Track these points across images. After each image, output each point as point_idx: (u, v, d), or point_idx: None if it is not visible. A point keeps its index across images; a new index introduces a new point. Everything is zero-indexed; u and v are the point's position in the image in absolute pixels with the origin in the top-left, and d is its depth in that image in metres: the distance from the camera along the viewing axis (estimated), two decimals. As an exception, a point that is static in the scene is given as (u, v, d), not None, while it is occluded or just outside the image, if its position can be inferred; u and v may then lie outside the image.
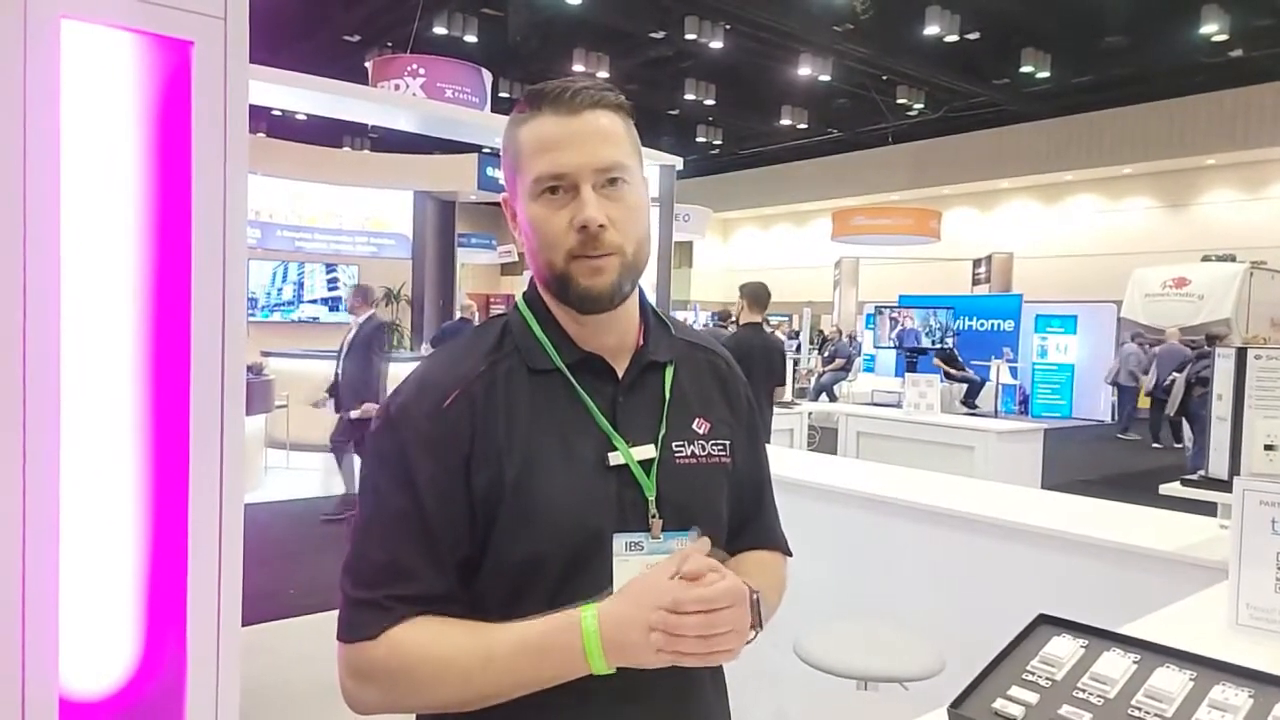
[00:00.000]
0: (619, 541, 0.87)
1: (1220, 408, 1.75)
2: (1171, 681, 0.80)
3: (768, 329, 5.24)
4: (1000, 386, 11.13)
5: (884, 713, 1.79)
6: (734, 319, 5.04)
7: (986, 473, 4.79)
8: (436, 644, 0.81)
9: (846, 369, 13.02)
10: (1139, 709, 0.78)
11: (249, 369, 6.77)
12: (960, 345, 11.33)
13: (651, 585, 0.79)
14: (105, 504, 1.44)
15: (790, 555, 1.09)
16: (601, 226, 0.85)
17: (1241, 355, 1.71)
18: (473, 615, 0.85)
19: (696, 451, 0.95)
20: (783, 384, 5.32)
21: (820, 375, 12.97)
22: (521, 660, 0.80)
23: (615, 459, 0.89)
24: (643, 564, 0.87)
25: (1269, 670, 0.80)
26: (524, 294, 0.97)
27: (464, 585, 0.86)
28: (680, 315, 16.39)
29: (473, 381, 0.88)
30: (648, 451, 0.91)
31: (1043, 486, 4.99)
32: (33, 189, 1.34)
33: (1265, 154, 16.05)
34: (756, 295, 4.80)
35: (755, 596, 0.84)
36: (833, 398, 12.01)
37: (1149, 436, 11.49)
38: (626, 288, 0.89)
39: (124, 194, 1.45)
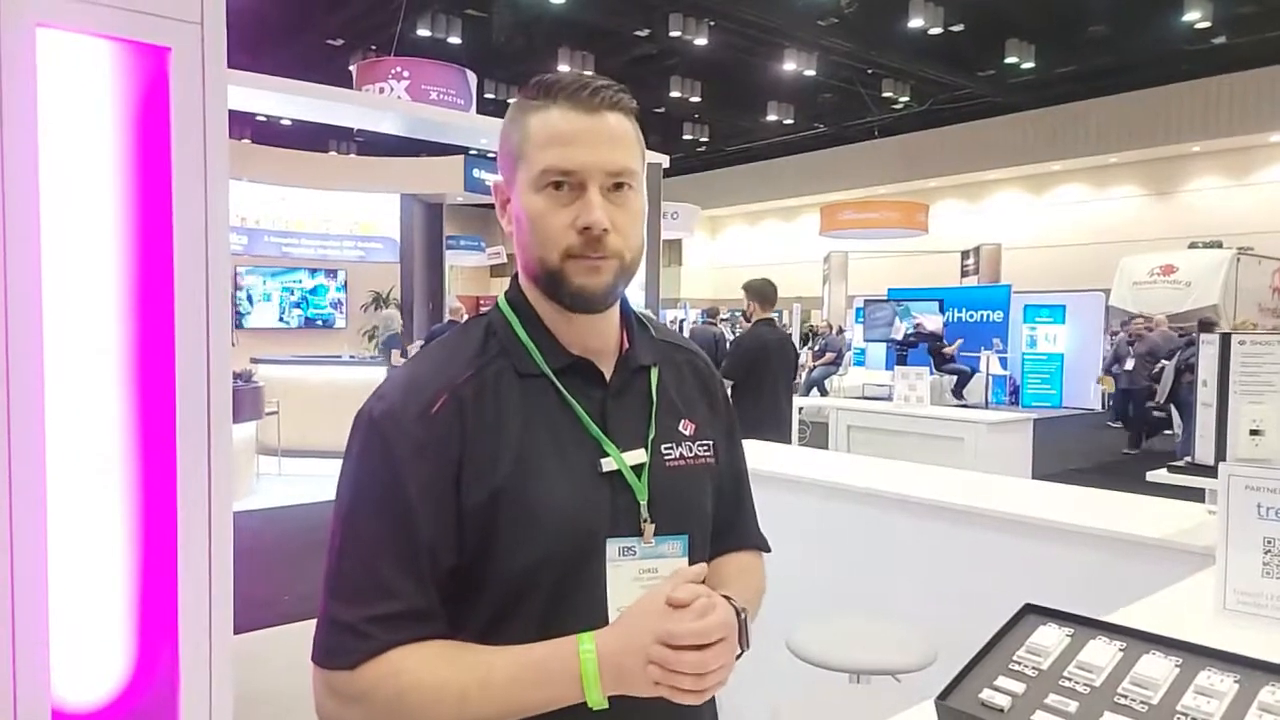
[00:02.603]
0: (612, 546, 0.87)
1: (1205, 394, 1.76)
2: (1157, 668, 0.80)
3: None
4: (990, 377, 11.18)
5: (876, 705, 1.79)
6: (746, 317, 5.04)
7: (977, 464, 4.80)
8: (434, 668, 0.79)
9: (837, 363, 13.05)
10: (1125, 696, 0.78)
11: (238, 376, 6.74)
12: (949, 337, 11.37)
13: (646, 612, 0.79)
14: (93, 515, 1.43)
15: (769, 551, 1.09)
16: (605, 230, 0.84)
17: (1226, 341, 1.72)
18: (454, 630, 0.83)
19: (684, 453, 0.94)
20: (796, 376, 5.36)
21: (811, 370, 13.00)
22: (519, 687, 0.78)
23: (608, 465, 0.88)
24: (635, 568, 0.87)
25: (1256, 655, 0.81)
26: (506, 294, 0.95)
27: (446, 599, 0.84)
28: (670, 314, 16.25)
29: (461, 385, 0.85)
30: (638, 456, 0.90)
31: (1033, 476, 5.01)
32: (11, 199, 1.32)
33: (1250, 140, 16.16)
34: (763, 293, 4.79)
35: (743, 618, 0.84)
36: (824, 392, 12.03)
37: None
38: (619, 290, 0.89)
39: (105, 202, 1.44)
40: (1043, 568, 2.25)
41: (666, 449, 0.93)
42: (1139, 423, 10.09)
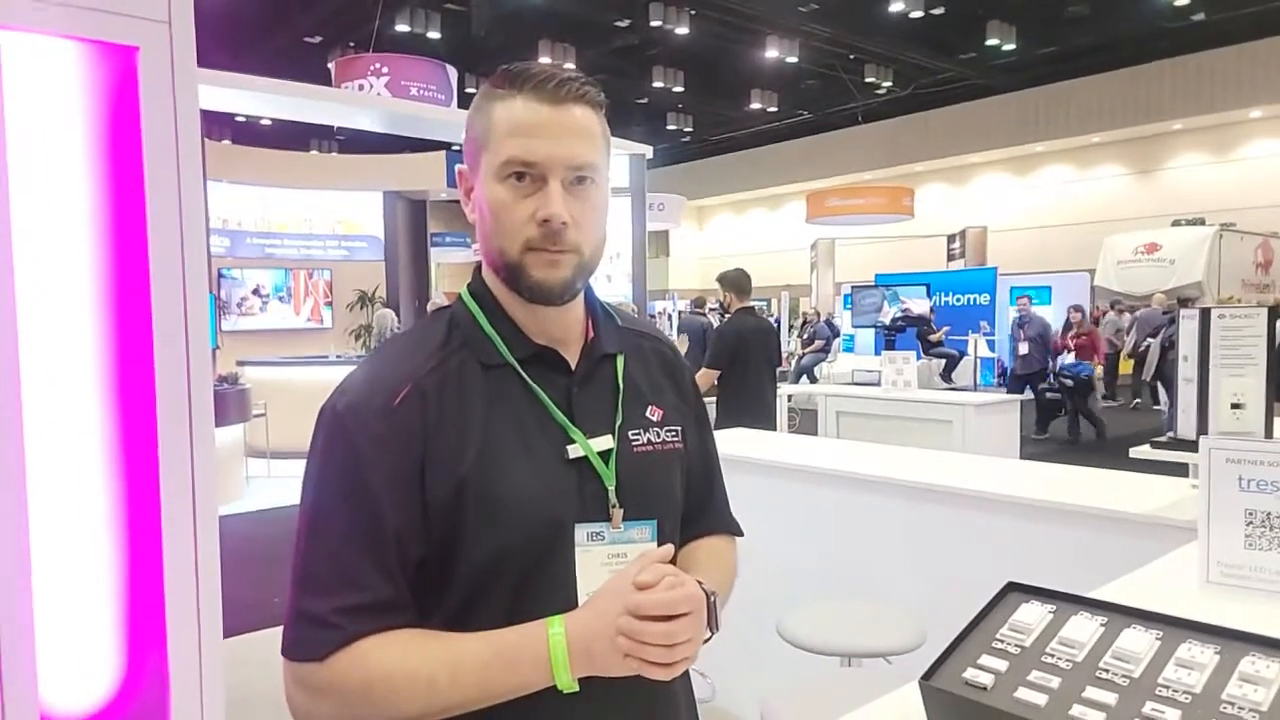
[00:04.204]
0: (580, 532, 0.87)
1: (1186, 369, 1.76)
2: (1138, 642, 0.80)
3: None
4: (978, 360, 11.23)
5: (868, 687, 1.80)
6: (725, 308, 5.05)
7: (965, 446, 4.82)
8: (403, 657, 0.80)
9: (826, 350, 13.08)
10: (1106, 671, 0.78)
11: (224, 379, 6.70)
12: (937, 321, 11.40)
13: (615, 592, 0.79)
14: (76, 521, 1.42)
15: (741, 535, 1.10)
16: (564, 224, 0.84)
17: (1205, 315, 1.73)
18: (423, 619, 0.84)
19: (652, 439, 0.95)
20: (781, 363, 5.37)
21: (800, 358, 13.03)
22: (489, 672, 0.79)
23: (574, 452, 0.88)
24: (604, 553, 0.88)
25: (1238, 626, 0.81)
26: (469, 286, 0.95)
27: (415, 588, 0.84)
28: (659, 305, 16.24)
29: (423, 377, 0.86)
30: (605, 442, 0.91)
31: (1021, 456, 5.04)
32: (-21, 206, 1.30)
33: (1230, 117, 16.25)
34: (738, 284, 4.81)
35: (712, 599, 0.84)
36: (813, 379, 12.07)
37: (1129, 399, 11.68)
38: (578, 285, 0.90)
39: (76, 205, 1.42)
40: (1029, 546, 2.26)
41: (634, 435, 0.94)
42: (1039, 408, 9.60)
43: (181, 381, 1.52)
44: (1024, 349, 9.53)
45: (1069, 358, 10.17)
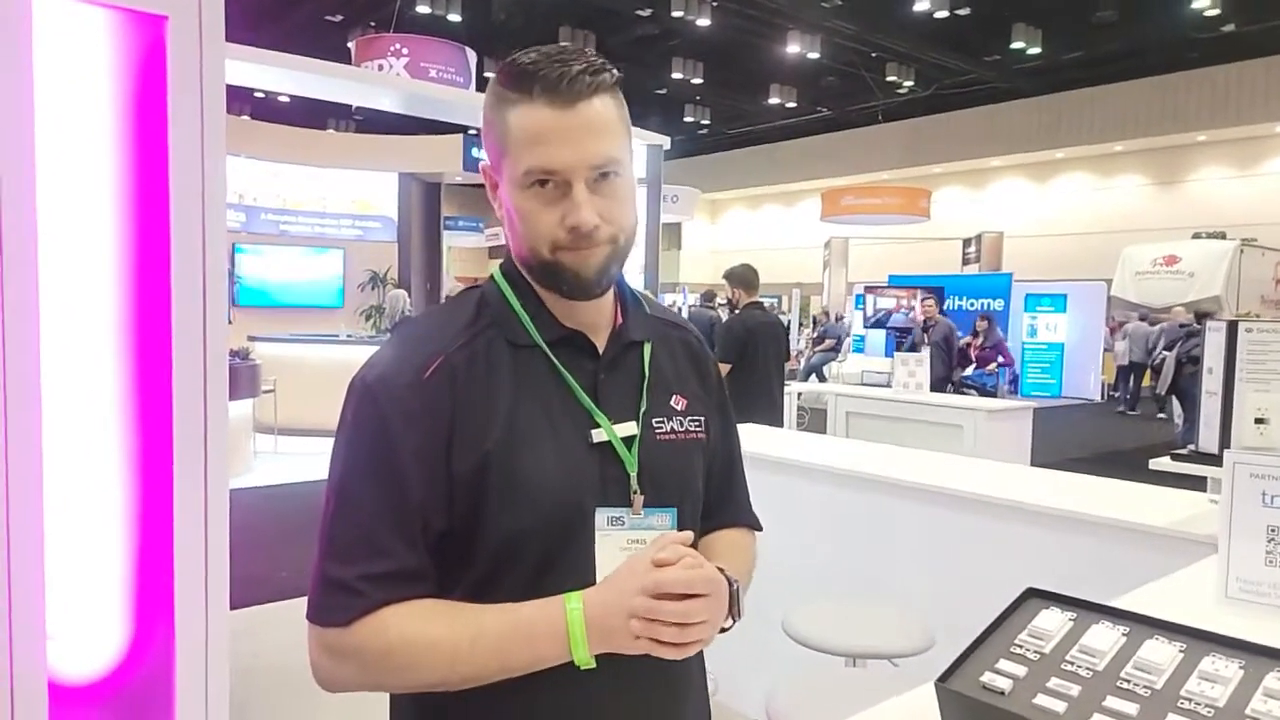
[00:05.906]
0: (600, 516, 0.87)
1: (1210, 382, 1.74)
2: (1161, 653, 0.79)
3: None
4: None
5: (873, 689, 1.79)
6: (733, 304, 5.06)
7: (976, 452, 4.79)
8: (425, 626, 0.81)
9: (836, 349, 13.04)
10: (1128, 681, 0.77)
11: (235, 354, 6.72)
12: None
13: (633, 570, 0.80)
14: (90, 490, 1.42)
15: (760, 530, 1.10)
16: (595, 227, 0.84)
17: (1233, 328, 1.71)
18: (444, 593, 0.85)
19: (675, 428, 0.95)
20: (789, 358, 5.39)
21: (810, 356, 12.99)
22: (508, 644, 0.80)
23: (598, 436, 0.89)
24: (624, 538, 0.88)
25: (1260, 642, 0.80)
26: (501, 266, 0.95)
27: (437, 562, 0.85)
28: (669, 297, 16.18)
29: (453, 353, 0.86)
30: (629, 428, 0.91)
31: (1032, 465, 5.01)
32: (7, 171, 1.30)
33: (1257, 130, 16.07)
34: (745, 279, 4.85)
35: (735, 587, 0.84)
36: (822, 378, 12.03)
37: (1155, 410, 11.64)
38: (614, 271, 0.89)
39: (101, 174, 1.42)
40: (1041, 554, 2.25)
41: (657, 423, 0.94)
42: None
43: (198, 355, 1.52)
44: (925, 351, 8.67)
45: (970, 369, 9.98)
